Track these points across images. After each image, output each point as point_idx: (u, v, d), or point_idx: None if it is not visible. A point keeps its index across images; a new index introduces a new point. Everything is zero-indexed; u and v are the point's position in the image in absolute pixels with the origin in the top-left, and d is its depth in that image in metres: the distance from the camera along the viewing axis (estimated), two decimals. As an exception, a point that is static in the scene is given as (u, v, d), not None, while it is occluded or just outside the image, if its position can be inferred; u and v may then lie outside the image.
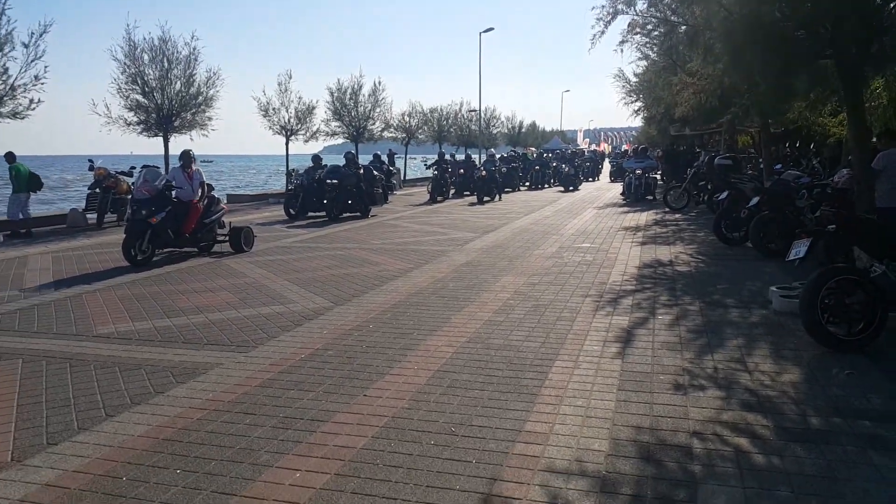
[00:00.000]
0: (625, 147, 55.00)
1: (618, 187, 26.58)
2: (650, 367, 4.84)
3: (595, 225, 14.48)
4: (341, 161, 18.22)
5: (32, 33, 14.18)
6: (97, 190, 15.98)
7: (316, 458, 3.47)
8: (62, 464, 3.45)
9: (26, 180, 14.38)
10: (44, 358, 5.35)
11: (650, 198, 21.05)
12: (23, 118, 14.76)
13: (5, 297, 7.75)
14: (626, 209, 18.38)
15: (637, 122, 39.87)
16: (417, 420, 3.95)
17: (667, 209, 17.52)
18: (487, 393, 4.38)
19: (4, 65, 14.04)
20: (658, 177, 25.50)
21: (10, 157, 14.56)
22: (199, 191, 10.94)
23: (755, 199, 9.93)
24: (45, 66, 14.31)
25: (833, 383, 4.49)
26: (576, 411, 4.02)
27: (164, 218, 10.13)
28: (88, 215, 16.08)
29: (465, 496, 3.05)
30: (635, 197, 21.08)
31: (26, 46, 14.12)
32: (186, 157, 11.14)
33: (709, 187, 16.74)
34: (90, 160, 16.87)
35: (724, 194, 11.36)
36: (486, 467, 3.33)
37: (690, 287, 7.77)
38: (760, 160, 18.50)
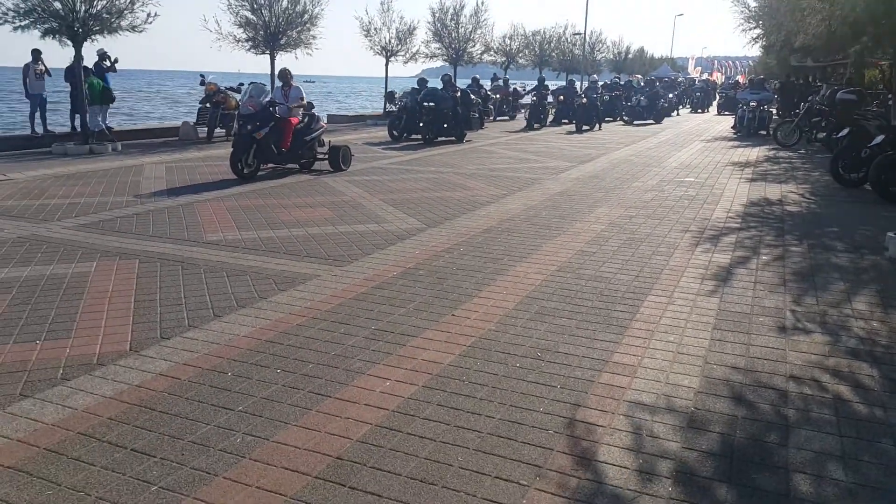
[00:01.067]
0: (739, 78, 51.34)
1: (728, 120, 25.06)
2: (749, 307, 4.66)
3: (701, 159, 13.79)
4: (439, 84, 18.06)
5: (152, -52, 14.52)
6: (207, 105, 16.59)
7: (405, 369, 3.60)
8: (174, 356, 3.75)
9: (99, 94, 14.98)
10: (158, 260, 5.76)
11: (763, 132, 19.73)
12: (140, 31, 15.32)
13: (123, 202, 8.33)
14: (736, 143, 17.35)
15: (754, 50, 36.99)
16: (504, 343, 4.00)
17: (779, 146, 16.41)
18: (575, 322, 4.36)
19: (125, -21, 14.54)
20: (774, 111, 23.80)
21: (86, 71, 15.18)
22: (297, 108, 11.06)
23: (879, 138, 9.11)
24: (163, -21, 14.72)
25: (953, 339, 4.18)
26: (667, 346, 3.95)
27: (268, 133, 10.32)
28: (199, 129, 16.81)
29: (548, 418, 3.10)
30: (748, 131, 19.81)
31: (145, -39, 14.52)
32: (283, 75, 11.32)
33: (823, 124, 15.45)
34: (201, 75, 17.46)
35: (846, 131, 10.47)
36: (570, 393, 3.35)
37: (799, 228, 7.33)
38: (889, 96, 16.85)
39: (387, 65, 25.37)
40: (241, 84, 17.84)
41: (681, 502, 2.48)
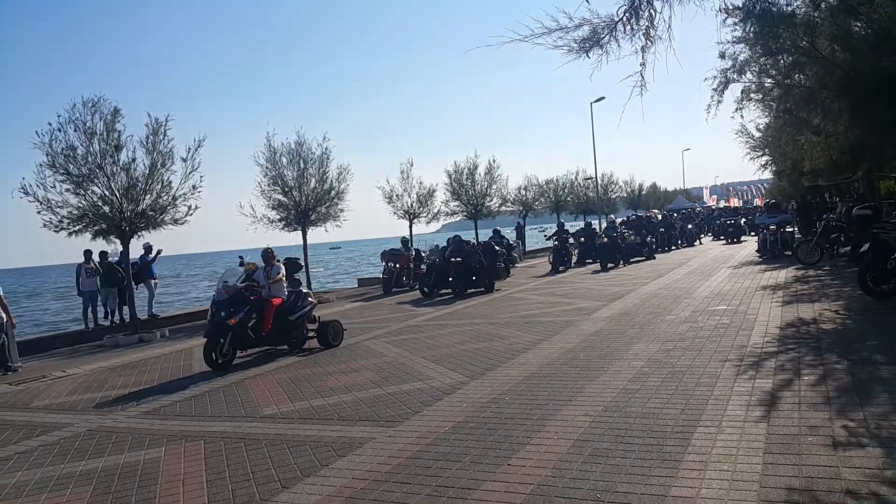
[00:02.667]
0: (756, 201, 52.50)
1: (752, 244, 25.47)
2: (797, 428, 4.73)
3: (730, 286, 14.03)
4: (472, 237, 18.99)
5: (189, 148, 15.89)
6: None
7: (470, 523, 3.72)
8: (250, 530, 3.92)
9: (105, 276, 15.89)
10: (221, 439, 6.03)
11: (788, 253, 20.01)
12: (182, 224, 16.55)
13: (179, 386, 8.73)
14: (763, 267, 17.61)
15: (766, 174, 38.21)
16: (562, 487, 4.12)
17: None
18: (629, 460, 4.47)
19: (168, 178, 15.92)
20: (795, 230, 24.24)
21: (102, 255, 16.23)
22: (276, 288, 10.57)
23: (901, 249, 9.36)
24: (201, 177, 15.89)
25: None
26: (722, 475, 4.04)
27: (243, 318, 9.82)
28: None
29: (616, 558, 3.18)
30: (772, 254, 20.15)
31: (184, 160, 15.90)
32: (266, 255, 10.90)
33: (842, 238, 15.78)
34: (240, 256, 18.52)
35: (867, 246, 10.76)
36: (634, 531, 3.44)
37: (837, 345, 7.42)
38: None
39: (410, 226, 26.69)
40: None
41: None
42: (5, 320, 11.59)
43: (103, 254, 16.25)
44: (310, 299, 11.15)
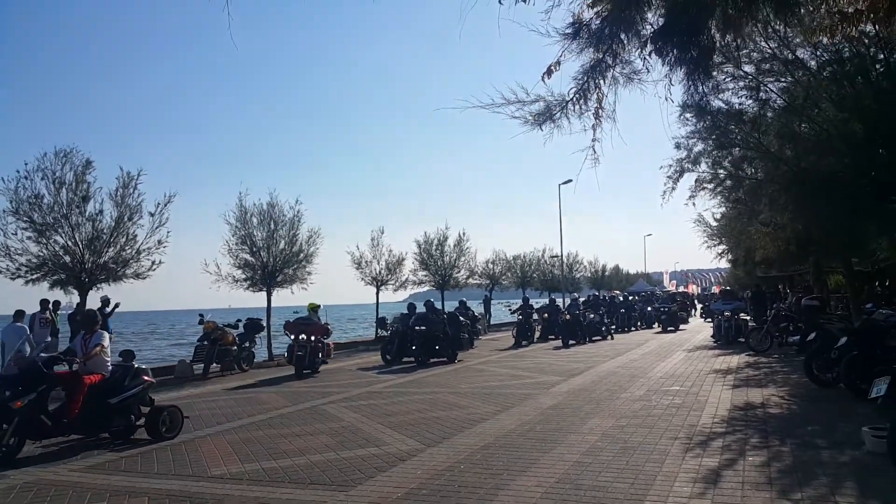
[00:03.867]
0: (714, 289, 53.97)
1: (708, 329, 26.05)
2: (740, 507, 4.86)
3: (685, 368, 14.30)
4: (423, 309, 19.04)
5: (158, 203, 15.72)
6: (205, 342, 17.21)
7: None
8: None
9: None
10: (167, 496, 5.90)
11: (741, 340, 20.52)
12: (144, 279, 16.29)
13: (125, 443, 8.48)
14: (717, 352, 18.01)
15: (723, 263, 39.46)
16: (509, 555, 4.14)
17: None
18: (576, 531, 4.52)
19: (134, 232, 15.78)
20: (748, 318, 24.93)
21: (55, 305, 15.87)
22: (95, 362, 8.45)
23: (843, 340, 9.79)
24: (168, 232, 15.78)
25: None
26: (664, 549, 4.12)
27: (35, 399, 7.66)
28: (195, 366, 17.25)
29: None
30: (726, 339, 20.64)
31: (152, 215, 15.79)
32: (88, 318, 9.03)
33: (791, 328, 16.38)
34: (200, 314, 18.33)
35: (813, 335, 11.21)
36: None
37: (782, 429, 7.64)
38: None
39: (377, 293, 26.73)
40: (239, 321, 18.74)
41: None
42: None
43: (56, 303, 15.91)
44: (144, 378, 8.81)
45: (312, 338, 15.53)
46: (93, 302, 15.92)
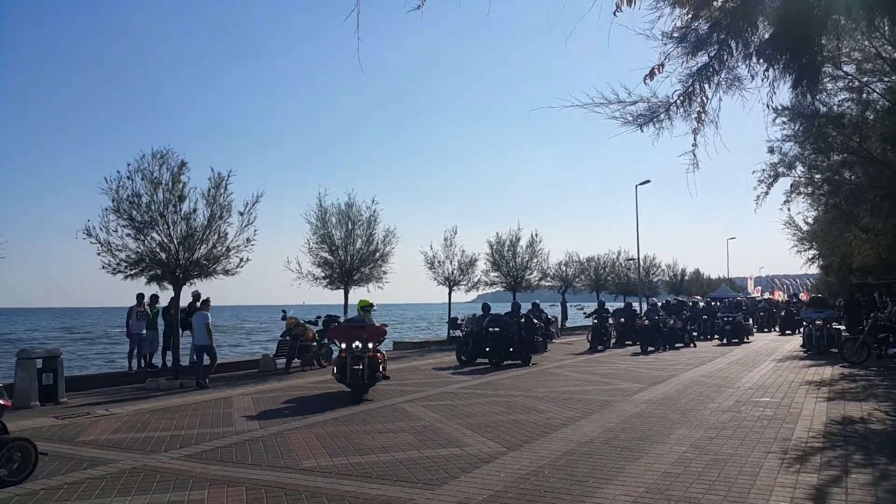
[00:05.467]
0: (802, 296, 51.43)
1: (796, 339, 24.89)
2: (846, 528, 4.64)
3: (774, 378, 13.73)
4: (506, 308, 19.03)
5: (247, 203, 16.50)
6: (287, 337, 17.76)
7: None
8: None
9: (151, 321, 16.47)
10: (262, 486, 6.13)
11: (834, 350, 19.50)
12: (232, 275, 17.00)
13: (220, 433, 8.88)
14: (808, 362, 17.20)
15: (813, 269, 37.61)
16: (603, 564, 4.10)
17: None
18: (671, 543, 4.43)
19: (224, 230, 16.47)
20: (842, 328, 23.68)
21: (153, 298, 16.67)
22: None
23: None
24: (255, 231, 16.47)
25: None
26: (767, 567, 3.98)
27: None
28: (278, 360, 17.83)
29: None
30: (817, 349, 19.67)
31: (241, 214, 16.48)
32: None
33: (891, 339, 15.42)
34: (283, 311, 18.94)
35: (917, 347, 10.54)
36: None
37: (887, 446, 7.23)
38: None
39: (450, 294, 26.89)
40: (319, 317, 19.25)
41: None
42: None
43: (154, 297, 16.77)
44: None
45: (370, 345, 11.84)
46: (185, 297, 16.73)
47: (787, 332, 29.95)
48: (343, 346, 11.94)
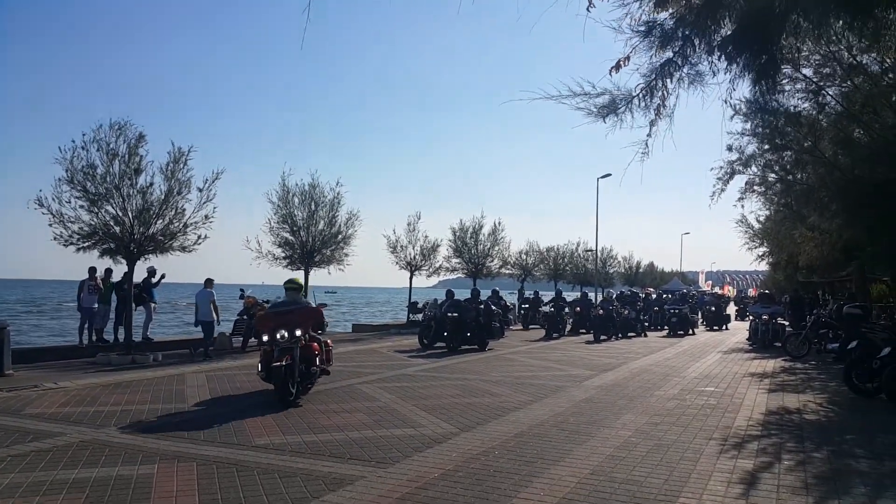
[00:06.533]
0: (751, 291, 53.07)
1: (741, 333, 25.69)
2: (775, 509, 4.90)
3: (719, 369, 14.21)
4: (466, 295, 19.21)
5: (206, 179, 16.17)
6: (244, 316, 17.61)
7: (456, 563, 3.86)
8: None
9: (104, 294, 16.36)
10: (213, 462, 6.14)
11: (778, 344, 20.24)
12: (189, 252, 16.72)
13: (172, 409, 8.82)
14: (752, 355, 17.82)
15: (763, 266, 38.76)
16: (546, 540, 4.26)
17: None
18: (611, 521, 4.62)
19: (182, 206, 16.16)
20: (786, 323, 24.54)
21: (107, 272, 16.47)
22: None
23: (886, 350, 9.64)
24: (214, 208, 16.17)
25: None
26: (699, 544, 4.19)
27: None
28: (234, 339, 17.68)
29: None
30: (762, 343, 20.39)
31: (200, 190, 16.16)
32: None
33: (831, 335, 16.12)
34: (241, 289, 18.77)
35: (854, 344, 11.03)
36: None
37: (818, 435, 7.60)
38: (897, 309, 17.63)
39: (411, 278, 26.96)
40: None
41: None
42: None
43: (108, 271, 16.45)
44: None
45: (298, 332, 9.43)
46: (139, 273, 16.43)
47: (715, 327, 30.25)
48: (265, 337, 9.60)
